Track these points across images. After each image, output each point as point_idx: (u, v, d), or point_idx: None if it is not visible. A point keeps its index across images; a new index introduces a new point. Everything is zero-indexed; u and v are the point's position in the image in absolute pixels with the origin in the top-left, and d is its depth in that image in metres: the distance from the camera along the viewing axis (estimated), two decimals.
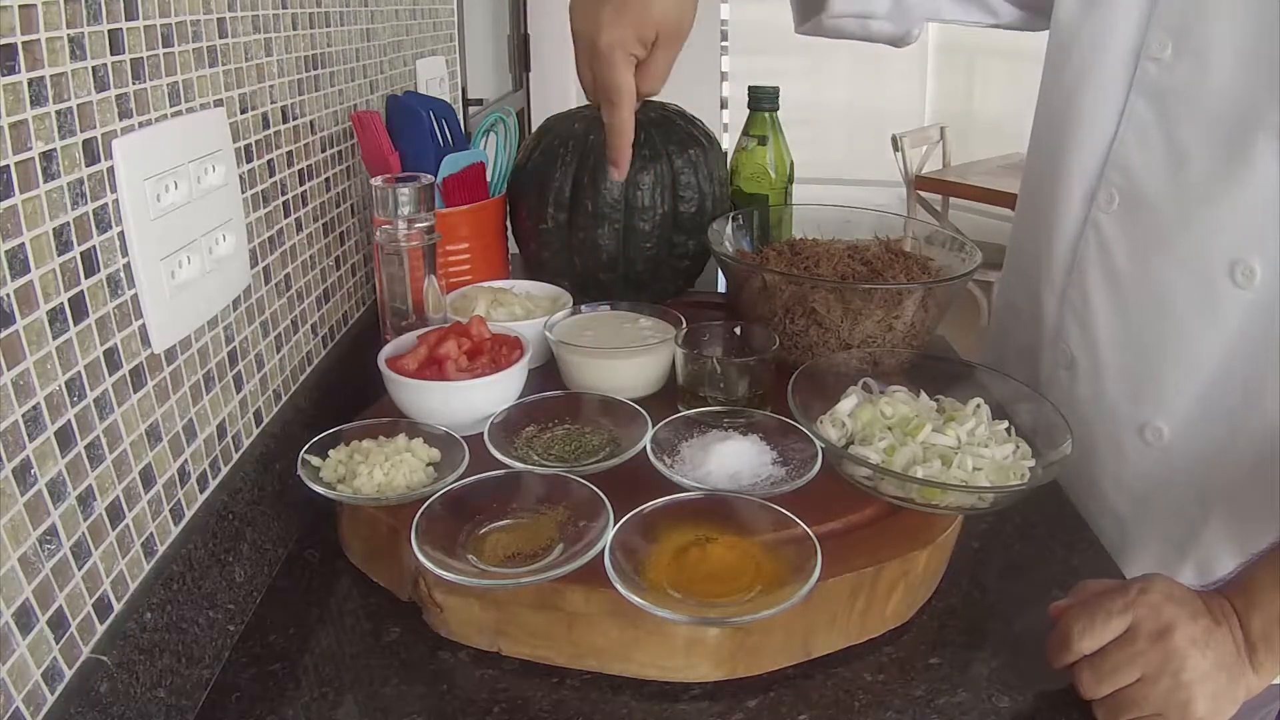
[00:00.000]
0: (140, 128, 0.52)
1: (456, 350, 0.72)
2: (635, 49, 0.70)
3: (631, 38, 0.69)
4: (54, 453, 0.45)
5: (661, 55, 0.71)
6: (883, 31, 0.84)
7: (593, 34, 0.69)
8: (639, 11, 0.68)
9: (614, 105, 0.72)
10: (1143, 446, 0.73)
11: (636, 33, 0.69)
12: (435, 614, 0.60)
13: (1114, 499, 0.77)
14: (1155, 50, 0.70)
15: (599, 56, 0.70)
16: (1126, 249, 0.73)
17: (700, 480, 0.64)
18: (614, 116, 0.73)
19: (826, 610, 0.58)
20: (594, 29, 0.69)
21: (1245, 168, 0.64)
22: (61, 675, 0.45)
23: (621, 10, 0.68)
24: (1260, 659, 0.54)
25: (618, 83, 0.70)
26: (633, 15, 0.68)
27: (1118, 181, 0.73)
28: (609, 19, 0.68)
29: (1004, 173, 3.44)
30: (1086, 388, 0.78)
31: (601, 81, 0.71)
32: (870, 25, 0.83)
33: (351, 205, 0.91)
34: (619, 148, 0.75)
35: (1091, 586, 0.58)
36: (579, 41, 0.72)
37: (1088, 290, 0.76)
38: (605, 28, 0.68)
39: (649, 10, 0.68)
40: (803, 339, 0.82)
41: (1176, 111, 0.69)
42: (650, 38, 0.69)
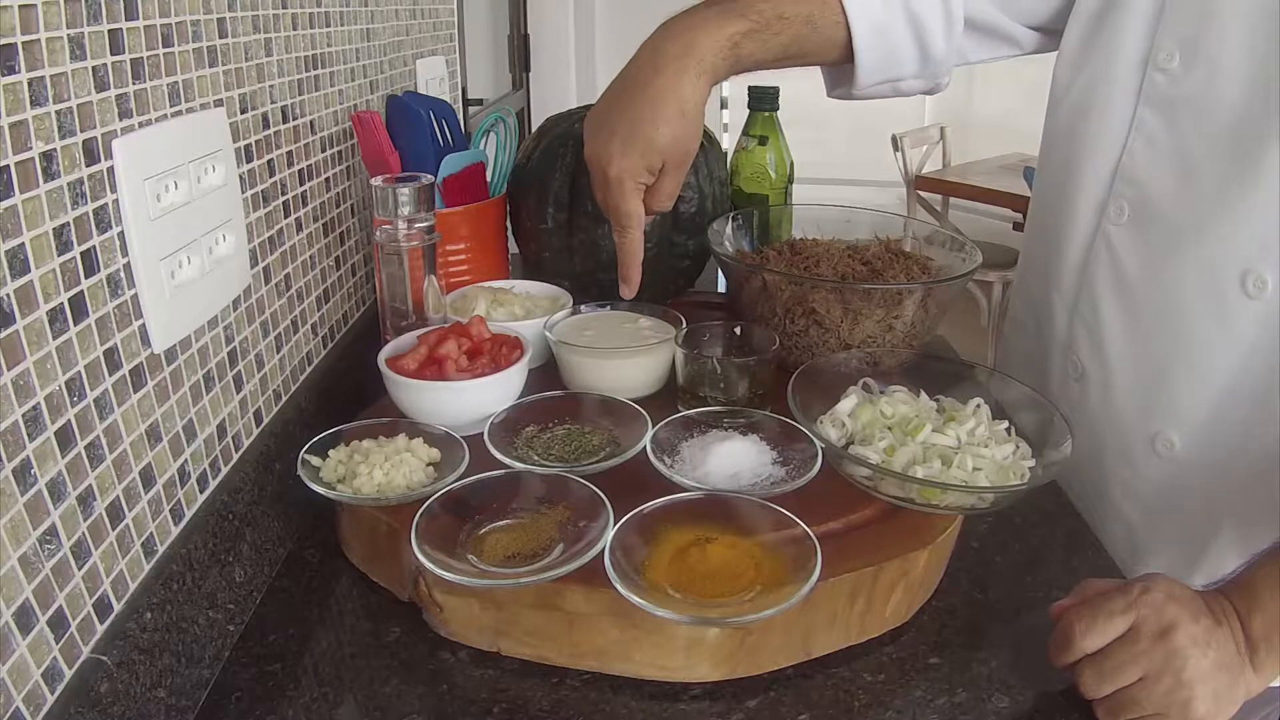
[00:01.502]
0: (140, 128, 0.52)
1: (456, 350, 0.72)
2: (643, 178, 0.73)
3: (640, 168, 0.72)
4: (54, 453, 0.45)
5: (669, 179, 0.74)
6: (913, 88, 0.84)
7: (604, 165, 0.72)
8: (645, 143, 0.71)
9: (624, 229, 0.76)
10: (1154, 457, 0.73)
11: (644, 163, 0.71)
12: (435, 614, 0.60)
13: (1124, 508, 0.77)
14: (1163, 61, 0.69)
15: (609, 186, 0.73)
16: (1137, 260, 0.73)
17: (700, 480, 0.64)
18: (624, 239, 0.77)
19: (826, 610, 0.58)
20: (604, 160, 0.72)
21: (1255, 177, 0.64)
22: (61, 675, 0.45)
23: (629, 142, 0.71)
24: (1261, 659, 0.54)
25: (627, 210, 0.74)
26: (640, 147, 0.71)
27: (1128, 193, 0.73)
28: (618, 151, 0.71)
29: (1004, 173, 3.45)
30: (1097, 399, 0.77)
31: (612, 208, 0.74)
32: (900, 86, 0.83)
33: (351, 205, 0.91)
34: (630, 267, 0.78)
35: (1094, 585, 0.58)
36: (592, 168, 0.75)
37: (1098, 302, 0.76)
38: (615, 159, 0.71)
39: (655, 141, 0.71)
40: (803, 339, 0.82)
41: (1185, 122, 0.68)
42: (657, 166, 0.72)
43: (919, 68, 0.79)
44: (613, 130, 0.71)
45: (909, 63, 0.79)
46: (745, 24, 0.71)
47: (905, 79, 0.81)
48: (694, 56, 0.70)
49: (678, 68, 0.70)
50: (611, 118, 0.72)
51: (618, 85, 0.73)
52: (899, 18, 0.76)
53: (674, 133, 0.71)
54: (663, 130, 0.70)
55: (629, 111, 0.71)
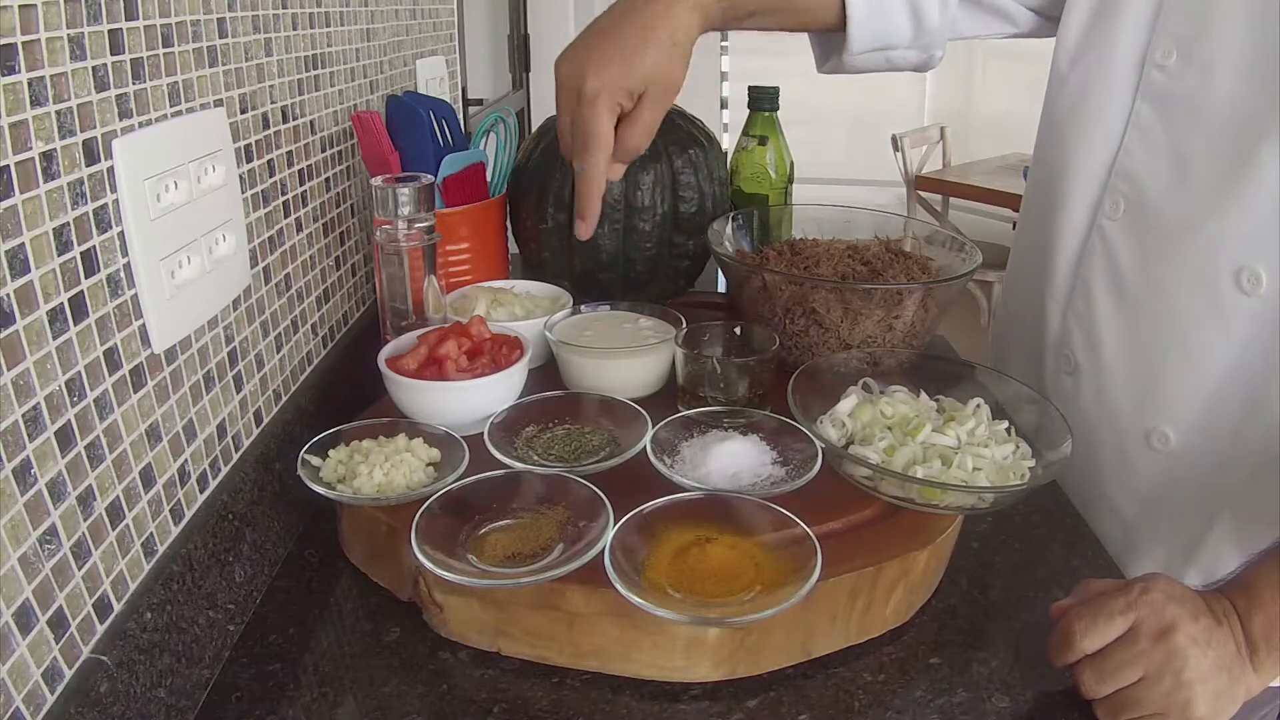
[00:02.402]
0: (140, 128, 0.52)
1: (456, 350, 0.72)
2: (621, 98, 0.67)
3: (617, 85, 0.66)
4: (54, 453, 0.45)
5: (648, 111, 0.68)
6: (906, 60, 0.82)
7: (578, 79, 0.67)
8: (629, 60, 0.66)
9: (586, 150, 0.68)
10: (1149, 452, 0.73)
11: (624, 82, 0.66)
12: (435, 614, 0.60)
13: (1119, 504, 0.77)
14: (1160, 58, 0.69)
15: (582, 100, 0.67)
16: (1132, 256, 0.73)
17: (700, 480, 0.64)
18: (584, 161, 0.69)
19: (826, 610, 0.58)
20: (580, 74, 0.67)
21: (1251, 174, 0.64)
22: (61, 675, 0.45)
23: (610, 57, 0.66)
24: (1261, 659, 0.54)
25: (596, 128, 0.67)
26: (622, 63, 0.66)
27: (1123, 189, 0.73)
28: (596, 64, 0.66)
29: (1004, 173, 3.45)
30: (1091, 394, 0.78)
31: (579, 126, 0.68)
32: (893, 57, 0.81)
33: (351, 205, 0.91)
34: (588, 197, 0.70)
35: (1093, 586, 0.58)
36: (563, 88, 0.69)
37: (1092, 297, 0.76)
38: (592, 73, 0.66)
39: (640, 60, 0.66)
40: (803, 339, 0.82)
41: (1182, 119, 0.69)
42: (638, 90, 0.67)
43: (912, 37, 0.78)
44: (593, 49, 0.67)
45: (903, 31, 0.78)
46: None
47: (898, 48, 0.79)
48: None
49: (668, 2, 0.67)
50: (592, 41, 0.68)
51: (603, 16, 0.70)
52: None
53: (661, 58, 0.66)
54: (650, 53, 0.66)
55: (614, 34, 0.67)
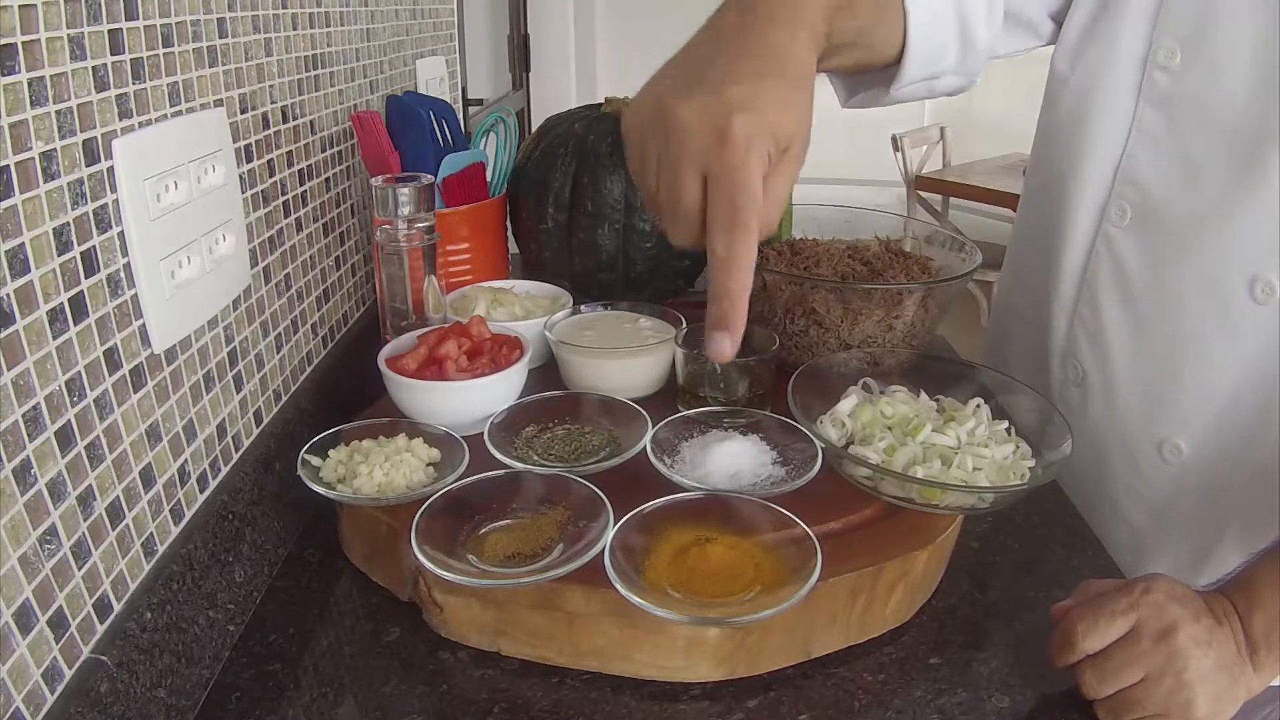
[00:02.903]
0: (140, 128, 0.52)
1: (456, 350, 0.72)
2: (773, 149, 0.47)
3: (772, 132, 0.47)
4: (54, 453, 0.45)
5: (787, 173, 0.49)
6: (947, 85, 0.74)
7: (717, 117, 0.46)
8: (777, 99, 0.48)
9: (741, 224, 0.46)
10: (1160, 463, 0.72)
11: (776, 128, 0.47)
12: (435, 614, 0.60)
13: (1129, 514, 0.76)
14: (1163, 59, 0.68)
15: (729, 148, 0.46)
16: (1140, 264, 0.71)
17: (700, 480, 0.64)
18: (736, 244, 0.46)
19: (826, 610, 0.58)
20: (720, 111, 0.46)
21: (1261, 179, 0.62)
22: (61, 675, 0.45)
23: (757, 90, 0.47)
24: (1261, 659, 0.54)
25: (755, 188, 0.46)
26: (773, 101, 0.47)
27: (1129, 195, 0.71)
28: (743, 99, 0.46)
29: (1004, 173, 3.45)
30: (1100, 405, 0.76)
31: (728, 184, 0.46)
32: (936, 85, 0.72)
33: (351, 205, 0.91)
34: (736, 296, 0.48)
35: (1094, 586, 0.58)
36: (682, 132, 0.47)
37: (1100, 306, 0.75)
38: (741, 110, 0.46)
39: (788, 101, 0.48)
40: (803, 339, 0.82)
41: (1187, 121, 0.67)
42: (787, 140, 0.48)
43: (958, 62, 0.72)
44: (722, 81, 0.47)
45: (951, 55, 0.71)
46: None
47: (944, 74, 0.72)
48: (804, 22, 0.52)
49: (790, 33, 0.51)
50: (712, 74, 0.48)
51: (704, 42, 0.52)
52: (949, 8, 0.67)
53: (805, 100, 0.50)
54: (794, 93, 0.49)
55: (741, 66, 0.48)
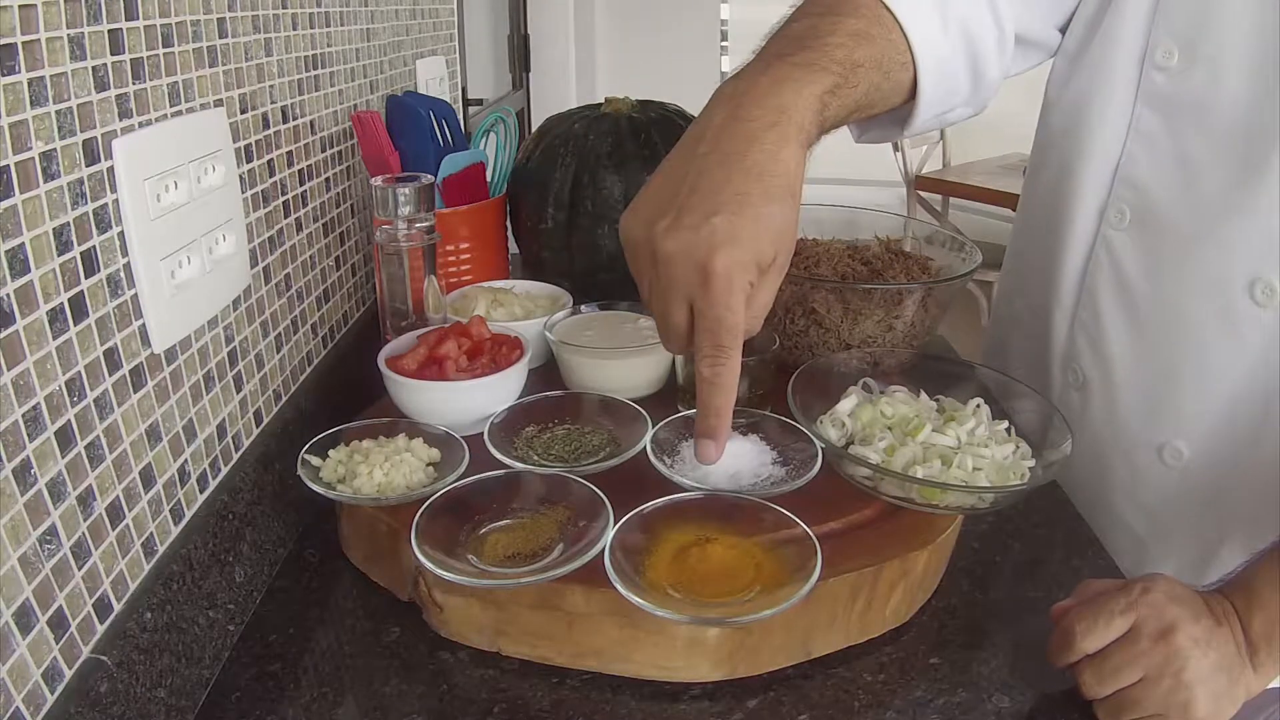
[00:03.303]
0: (140, 128, 0.52)
1: (456, 350, 0.72)
2: (754, 276, 0.51)
3: (752, 261, 0.50)
4: (54, 453, 0.45)
5: (770, 284, 0.53)
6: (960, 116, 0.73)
7: (700, 256, 0.49)
8: (757, 226, 0.50)
9: (724, 352, 0.51)
10: (1162, 467, 0.72)
11: (756, 255, 0.50)
12: (435, 614, 0.60)
13: (1130, 518, 0.76)
14: (1162, 59, 0.67)
15: (711, 288, 0.50)
16: (1140, 267, 0.71)
17: (700, 480, 0.64)
18: (721, 369, 0.51)
19: (826, 610, 0.58)
20: (703, 249, 0.49)
21: (1261, 180, 0.62)
22: (61, 675, 0.45)
23: (737, 223, 0.50)
24: (1261, 659, 0.54)
25: (737, 322, 0.50)
26: (751, 231, 0.50)
27: (1128, 197, 0.71)
28: (725, 235, 0.49)
29: (1004, 173, 3.44)
30: (1100, 408, 0.76)
31: (712, 319, 0.51)
32: (947, 117, 0.72)
33: (351, 205, 0.91)
34: (720, 412, 0.53)
35: (1094, 586, 0.58)
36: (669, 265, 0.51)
37: (1100, 310, 0.74)
38: (723, 246, 0.49)
39: (769, 226, 0.51)
40: (803, 339, 0.82)
41: (1186, 123, 0.67)
42: (768, 260, 0.52)
43: (969, 94, 0.71)
44: (705, 211, 0.50)
45: (962, 91, 0.70)
46: (830, 79, 0.56)
47: (955, 109, 0.72)
48: (791, 123, 0.53)
49: (776, 137, 0.52)
50: (695, 198, 0.51)
51: (684, 163, 0.53)
52: (959, 46, 0.66)
53: (789, 217, 0.52)
54: (776, 210, 0.51)
55: (725, 188, 0.51)
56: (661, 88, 1.17)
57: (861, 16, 0.60)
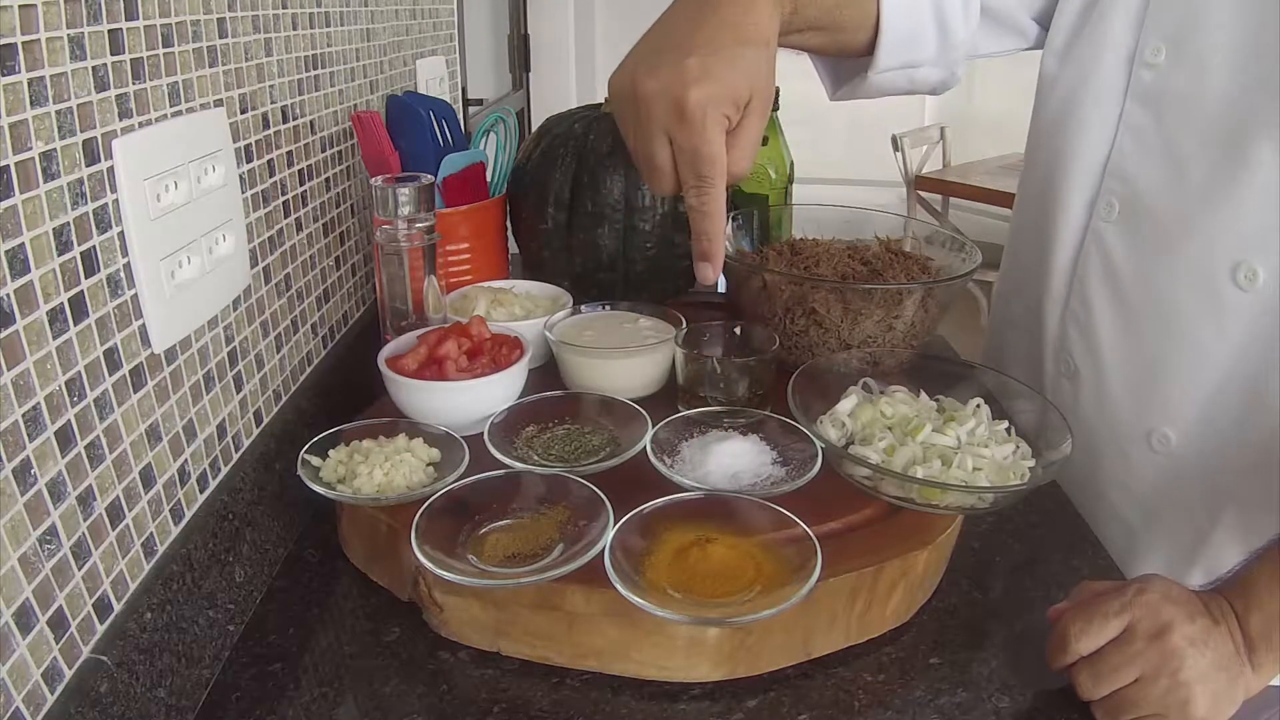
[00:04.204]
0: (140, 128, 0.52)
1: (456, 350, 0.72)
2: (729, 110, 0.56)
3: (726, 96, 0.55)
4: (54, 453, 0.45)
5: (754, 124, 0.58)
6: (928, 79, 0.78)
7: (676, 92, 0.55)
8: (731, 65, 0.55)
9: (707, 181, 0.57)
10: (1150, 453, 0.73)
11: (731, 91, 0.55)
12: (435, 614, 0.60)
13: (1121, 507, 0.77)
14: (1150, 56, 0.69)
15: (686, 119, 0.55)
16: (1128, 257, 0.73)
17: (700, 480, 0.64)
18: (706, 197, 0.57)
19: (826, 610, 0.58)
20: (677, 85, 0.55)
21: (1244, 170, 0.64)
22: (61, 675, 0.45)
23: (711, 63, 0.55)
24: (1260, 658, 0.54)
25: (714, 152, 0.56)
26: (725, 67, 0.55)
27: (1117, 190, 0.73)
28: (696, 73, 0.55)
29: (1004, 173, 3.45)
30: (1090, 397, 0.77)
31: (690, 151, 0.56)
32: (916, 75, 0.76)
33: (351, 205, 0.91)
34: (713, 236, 0.59)
35: (1090, 588, 0.58)
36: (649, 104, 0.56)
37: (1090, 300, 0.76)
38: (694, 83, 0.54)
39: (741, 65, 0.56)
40: (803, 339, 0.82)
41: (1173, 117, 0.69)
42: (744, 99, 0.56)
43: (937, 53, 0.75)
44: (681, 52, 0.55)
45: (929, 45, 0.74)
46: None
47: (923, 65, 0.76)
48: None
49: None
50: (673, 46, 0.56)
51: (664, 21, 0.59)
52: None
53: (761, 61, 0.57)
54: (749, 55, 0.56)
55: (698, 33, 0.56)
56: None
57: None
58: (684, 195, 0.58)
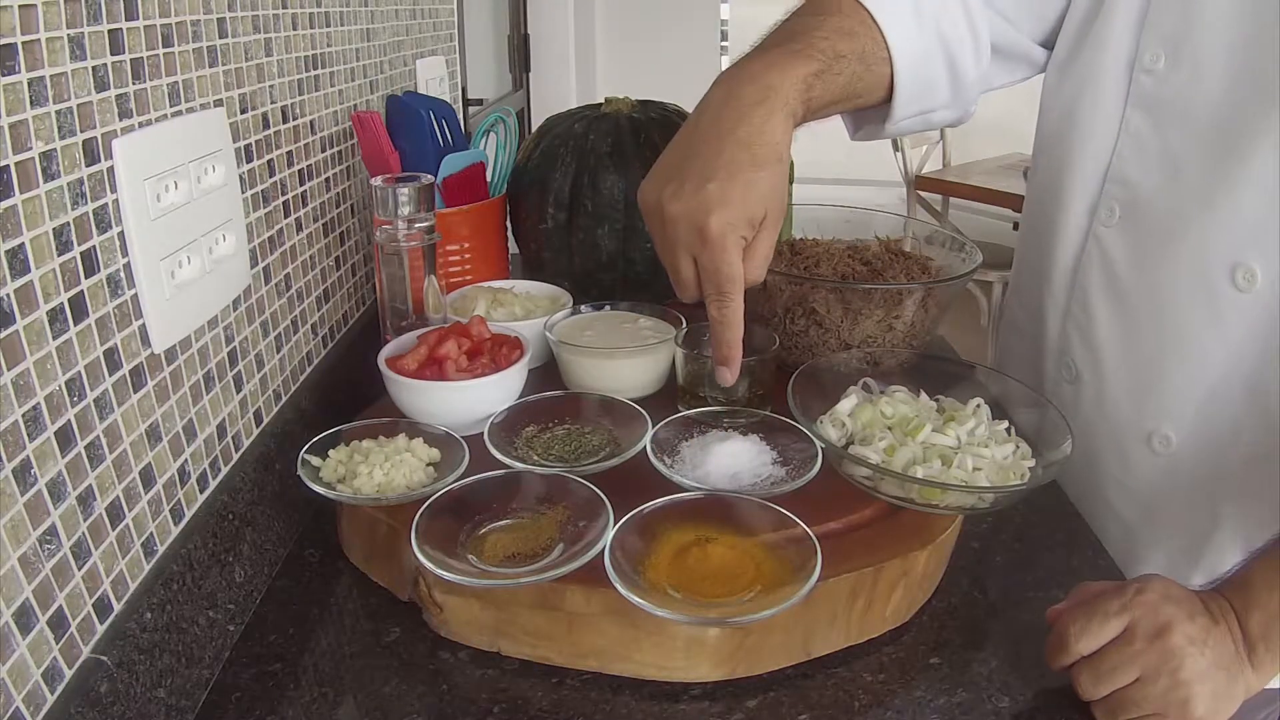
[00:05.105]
0: (140, 128, 0.52)
1: (456, 350, 0.72)
2: (745, 231, 0.62)
3: (742, 219, 0.61)
4: (54, 453, 0.45)
5: (766, 237, 0.63)
6: (943, 118, 0.81)
7: (699, 219, 0.60)
8: (746, 189, 0.61)
9: (727, 297, 0.63)
10: (1150, 455, 0.73)
11: (746, 213, 0.61)
12: (435, 614, 0.60)
13: (1121, 508, 0.77)
14: (1149, 62, 0.70)
15: (708, 243, 0.61)
16: (1128, 260, 0.73)
17: (700, 480, 0.64)
18: (727, 310, 0.63)
19: (826, 610, 0.58)
20: (700, 213, 0.60)
21: (1242, 171, 0.64)
22: (61, 675, 0.45)
23: (728, 189, 0.60)
24: (1260, 657, 0.54)
25: (734, 273, 0.62)
26: (741, 193, 0.61)
27: (1118, 194, 0.73)
28: (716, 199, 0.60)
29: (1004, 173, 3.45)
30: (1091, 399, 0.77)
31: (712, 271, 0.62)
32: (932, 118, 0.79)
33: (351, 205, 0.91)
34: (731, 344, 0.65)
35: (1089, 588, 0.58)
36: (674, 225, 0.62)
37: (1090, 303, 0.76)
38: (715, 209, 0.60)
39: (756, 187, 0.61)
40: (803, 339, 0.82)
41: (1172, 121, 0.69)
42: (759, 218, 0.62)
43: (950, 96, 0.77)
44: (703, 178, 0.60)
45: (942, 91, 0.76)
46: (814, 64, 0.65)
47: (937, 109, 0.78)
48: (778, 99, 0.63)
49: (764, 111, 0.62)
50: (694, 166, 0.61)
51: (688, 137, 0.64)
52: (935, 47, 0.74)
53: (775, 180, 0.62)
54: (763, 175, 0.61)
55: (719, 158, 0.61)
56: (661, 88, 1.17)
57: (846, 15, 0.69)
58: (705, 305, 0.64)
